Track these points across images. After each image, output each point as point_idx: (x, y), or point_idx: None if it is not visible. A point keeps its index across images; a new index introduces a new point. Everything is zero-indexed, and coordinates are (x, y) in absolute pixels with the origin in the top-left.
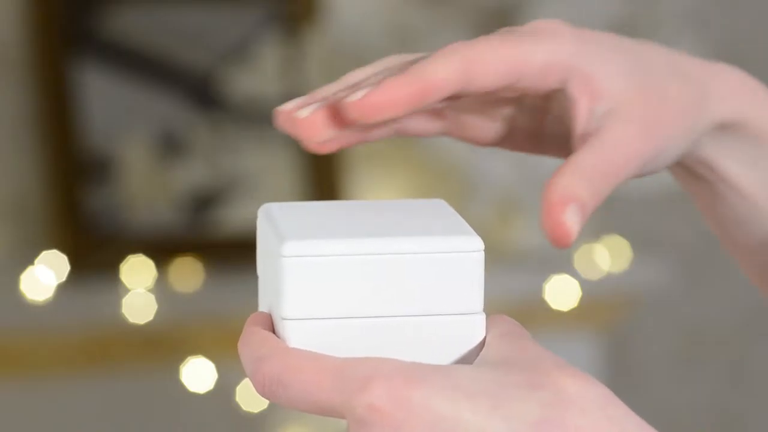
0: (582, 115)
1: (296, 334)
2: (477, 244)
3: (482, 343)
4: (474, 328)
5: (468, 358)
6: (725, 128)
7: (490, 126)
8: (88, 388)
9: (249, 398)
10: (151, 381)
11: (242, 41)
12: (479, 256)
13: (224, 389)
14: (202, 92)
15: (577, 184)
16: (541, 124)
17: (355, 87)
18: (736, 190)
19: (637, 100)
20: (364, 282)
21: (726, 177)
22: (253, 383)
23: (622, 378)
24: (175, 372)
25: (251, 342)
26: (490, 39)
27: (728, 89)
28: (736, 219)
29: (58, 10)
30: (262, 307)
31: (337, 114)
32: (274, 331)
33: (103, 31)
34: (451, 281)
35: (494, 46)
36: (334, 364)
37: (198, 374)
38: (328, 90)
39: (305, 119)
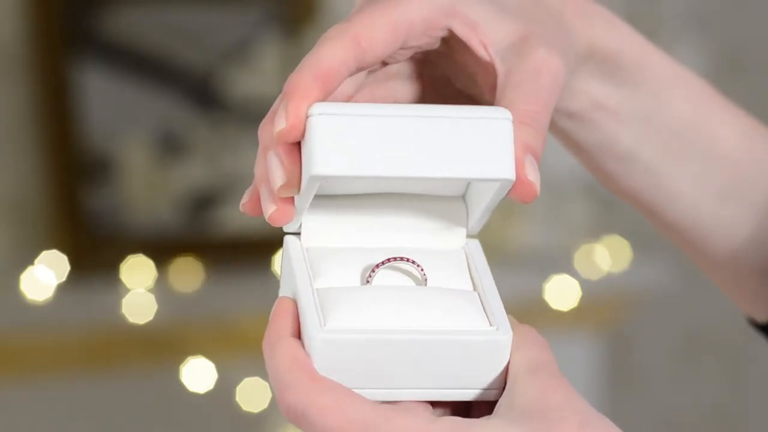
0: (481, 49)
1: (321, 353)
2: (506, 113)
3: (506, 367)
4: (500, 350)
5: (493, 381)
6: (586, 56)
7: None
8: (88, 387)
9: (249, 398)
10: (151, 381)
11: (242, 41)
12: (508, 124)
13: (224, 389)
14: (202, 92)
15: (525, 132)
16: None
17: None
18: (610, 113)
19: (528, 33)
20: (393, 141)
21: (599, 101)
22: (278, 403)
23: (622, 378)
24: (175, 372)
25: (277, 356)
26: (365, 12)
27: (578, 15)
28: (616, 153)
29: (58, 10)
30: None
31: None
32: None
33: (103, 31)
34: (483, 145)
35: (374, 18)
36: (360, 417)
37: (198, 374)
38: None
39: (274, 210)
